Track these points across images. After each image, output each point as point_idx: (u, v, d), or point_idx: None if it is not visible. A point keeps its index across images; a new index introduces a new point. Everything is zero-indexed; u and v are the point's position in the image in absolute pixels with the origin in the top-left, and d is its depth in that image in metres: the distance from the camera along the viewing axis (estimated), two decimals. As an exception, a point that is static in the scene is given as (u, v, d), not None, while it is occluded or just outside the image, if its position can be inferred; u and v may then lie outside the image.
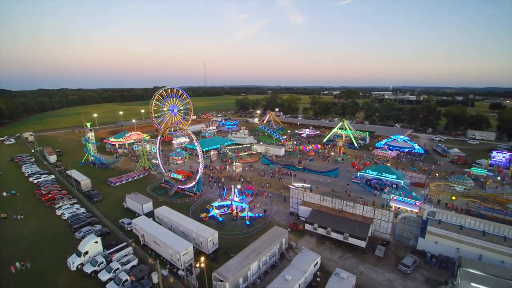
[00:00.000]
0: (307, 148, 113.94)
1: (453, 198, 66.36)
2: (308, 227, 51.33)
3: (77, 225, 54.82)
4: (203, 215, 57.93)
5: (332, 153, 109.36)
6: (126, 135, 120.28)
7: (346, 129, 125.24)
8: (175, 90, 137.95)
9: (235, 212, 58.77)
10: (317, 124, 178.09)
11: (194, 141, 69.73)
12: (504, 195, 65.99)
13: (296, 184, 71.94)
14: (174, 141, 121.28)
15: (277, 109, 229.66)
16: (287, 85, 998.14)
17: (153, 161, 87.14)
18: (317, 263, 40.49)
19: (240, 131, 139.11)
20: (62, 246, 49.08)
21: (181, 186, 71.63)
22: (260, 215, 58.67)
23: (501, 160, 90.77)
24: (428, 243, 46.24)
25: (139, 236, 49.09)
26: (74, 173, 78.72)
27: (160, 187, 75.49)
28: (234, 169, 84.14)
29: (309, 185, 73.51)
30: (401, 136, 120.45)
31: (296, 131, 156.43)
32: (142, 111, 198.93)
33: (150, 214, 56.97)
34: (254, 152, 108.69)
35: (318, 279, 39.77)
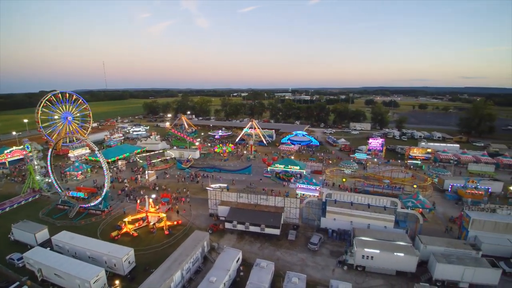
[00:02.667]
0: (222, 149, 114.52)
1: (344, 180, 77.47)
2: (228, 225, 51.81)
3: None
4: (114, 233, 51.59)
5: (245, 152, 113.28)
6: (6, 151, 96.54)
7: (255, 128, 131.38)
8: (67, 95, 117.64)
9: (151, 224, 54.52)
10: (229, 125, 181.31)
11: (96, 152, 61.52)
12: (381, 173, 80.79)
13: (213, 186, 71.62)
14: (71, 154, 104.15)
15: (189, 112, 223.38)
16: (197, 88, 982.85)
17: (45, 179, 72.66)
18: (239, 258, 41.25)
19: (151, 136, 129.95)
20: None
21: (84, 205, 62.09)
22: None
23: (376, 145, 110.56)
24: (328, 221, 52.67)
25: (35, 272, 40.38)
26: None
27: (57, 210, 63.46)
28: (147, 178, 78.02)
29: (225, 185, 74.24)
30: (301, 132, 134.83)
31: (209, 133, 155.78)
32: (26, 120, 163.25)
33: (47, 243, 47.56)
34: (167, 157, 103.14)
35: (241, 273, 40.57)
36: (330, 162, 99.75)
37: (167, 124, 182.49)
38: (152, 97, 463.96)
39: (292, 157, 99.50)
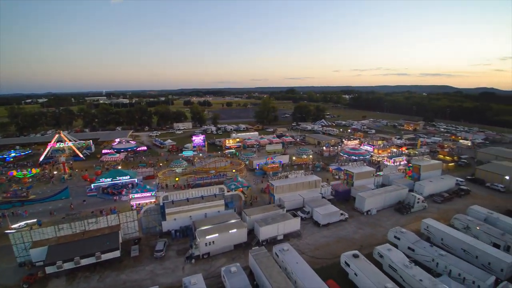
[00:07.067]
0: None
1: (177, 179, 78.10)
2: (50, 269, 39.32)
3: None
4: None
5: (56, 172, 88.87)
6: None
7: (65, 141, 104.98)
8: None
9: None
10: (26, 142, 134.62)
11: None
12: (207, 165, 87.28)
13: (15, 226, 51.97)
14: None
15: None
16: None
17: None
18: (73, 303, 32.88)
19: None
20: None
21: None
22: None
23: (199, 142, 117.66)
24: (170, 223, 51.67)
25: None
26: None
27: None
28: None
29: (34, 220, 55.53)
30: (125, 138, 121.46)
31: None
32: None
33: None
34: None
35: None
36: (161, 164, 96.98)
37: None
38: None
39: (119, 167, 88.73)
